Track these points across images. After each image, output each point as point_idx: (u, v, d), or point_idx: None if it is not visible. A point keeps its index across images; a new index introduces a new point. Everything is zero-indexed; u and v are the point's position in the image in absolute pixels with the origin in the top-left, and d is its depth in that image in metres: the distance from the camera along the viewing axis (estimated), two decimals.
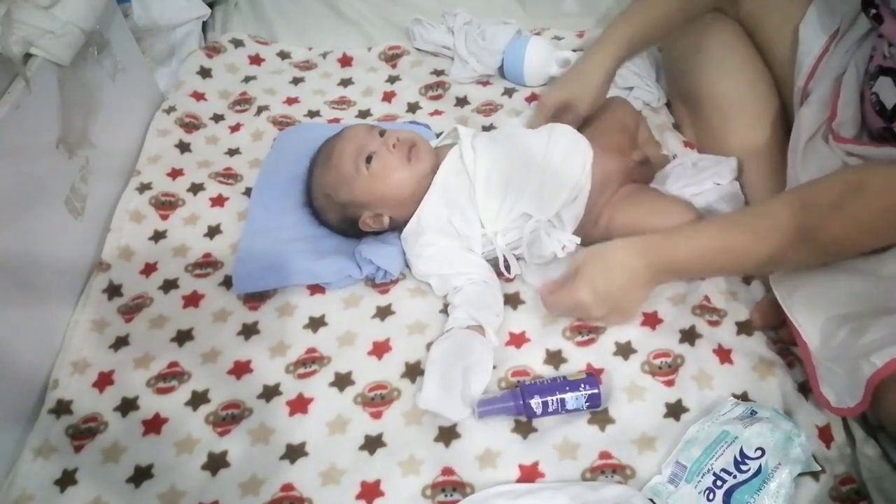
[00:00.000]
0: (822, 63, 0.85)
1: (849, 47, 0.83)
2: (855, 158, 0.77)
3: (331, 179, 0.90)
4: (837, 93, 0.81)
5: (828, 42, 0.85)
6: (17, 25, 0.81)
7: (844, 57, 0.83)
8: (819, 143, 0.82)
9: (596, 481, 0.71)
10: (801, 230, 0.71)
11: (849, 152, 0.78)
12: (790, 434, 0.70)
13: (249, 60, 1.27)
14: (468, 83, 1.20)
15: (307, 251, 0.91)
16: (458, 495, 0.71)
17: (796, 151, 0.83)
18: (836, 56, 0.84)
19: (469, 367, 0.78)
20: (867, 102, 0.77)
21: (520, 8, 1.33)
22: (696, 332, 0.82)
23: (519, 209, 0.87)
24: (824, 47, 0.86)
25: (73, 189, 0.92)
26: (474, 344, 0.79)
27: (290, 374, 0.82)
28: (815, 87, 0.85)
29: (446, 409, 0.75)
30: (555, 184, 0.87)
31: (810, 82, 0.86)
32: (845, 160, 0.78)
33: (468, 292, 0.84)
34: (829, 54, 0.85)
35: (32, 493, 0.74)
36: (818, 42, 0.86)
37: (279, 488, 0.73)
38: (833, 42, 0.85)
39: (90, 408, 0.81)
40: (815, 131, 0.82)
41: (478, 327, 0.81)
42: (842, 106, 0.80)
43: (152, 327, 0.88)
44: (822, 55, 0.86)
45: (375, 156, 0.88)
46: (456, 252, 0.88)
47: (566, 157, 0.89)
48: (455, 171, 0.90)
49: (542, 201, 0.86)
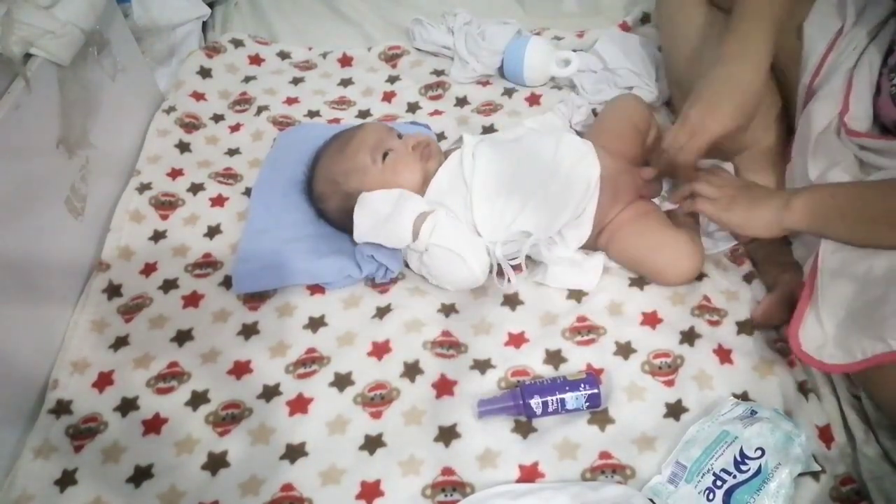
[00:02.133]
0: (828, 60, 0.85)
1: (857, 43, 0.83)
2: (867, 152, 0.78)
3: (343, 167, 0.91)
4: (848, 87, 0.81)
5: (833, 39, 0.85)
6: (17, 25, 0.81)
7: (854, 52, 0.83)
8: (830, 136, 0.82)
9: (596, 481, 0.71)
10: None
11: (861, 146, 0.78)
12: (790, 434, 0.70)
13: (249, 60, 1.27)
14: (468, 83, 1.20)
15: (307, 251, 0.91)
16: (458, 495, 0.71)
17: (805, 146, 0.83)
18: (845, 52, 0.84)
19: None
20: (884, 95, 0.78)
21: (520, 8, 1.33)
22: (695, 332, 0.82)
23: (518, 226, 0.86)
24: (829, 45, 0.86)
25: (73, 189, 0.92)
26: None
27: (289, 375, 0.82)
28: (824, 83, 0.85)
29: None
30: (557, 202, 0.86)
31: (816, 80, 0.86)
32: (857, 154, 0.79)
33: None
34: (834, 52, 0.85)
35: (32, 493, 0.74)
36: (823, 40, 0.86)
37: (279, 488, 0.73)
38: (839, 39, 0.85)
39: (90, 408, 0.81)
40: (826, 125, 0.82)
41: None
42: (853, 100, 0.80)
43: (152, 327, 0.88)
44: (827, 53, 0.86)
45: (393, 152, 0.90)
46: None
47: (571, 173, 0.87)
48: (453, 176, 0.90)
49: (542, 220, 0.86)
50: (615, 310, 0.85)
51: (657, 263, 0.86)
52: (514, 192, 0.87)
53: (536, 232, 0.85)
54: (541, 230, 0.85)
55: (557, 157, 0.88)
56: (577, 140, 0.92)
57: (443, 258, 0.85)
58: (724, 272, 0.89)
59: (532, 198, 0.86)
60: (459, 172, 0.90)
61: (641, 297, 0.86)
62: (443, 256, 0.85)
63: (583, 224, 0.87)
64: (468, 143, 0.92)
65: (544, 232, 0.86)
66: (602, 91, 1.13)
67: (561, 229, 0.86)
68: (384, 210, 0.86)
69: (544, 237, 0.86)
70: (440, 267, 0.86)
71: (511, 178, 0.88)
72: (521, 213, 0.86)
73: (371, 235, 0.87)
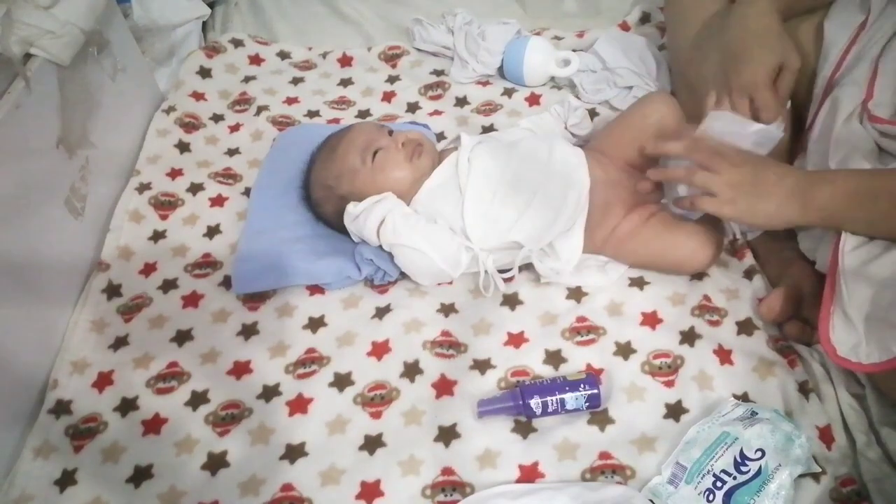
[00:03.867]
0: (850, 52, 0.84)
1: (883, 33, 0.82)
2: (888, 139, 0.77)
3: (334, 170, 0.91)
4: (874, 74, 0.80)
5: (856, 32, 0.85)
6: (17, 25, 0.81)
7: (880, 42, 0.82)
8: (854, 124, 0.81)
9: (596, 481, 0.71)
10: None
11: (883, 133, 0.78)
12: (790, 435, 0.70)
13: (249, 60, 1.27)
14: (468, 83, 1.20)
15: (306, 252, 0.91)
16: (458, 495, 0.71)
17: (828, 134, 0.81)
18: (870, 43, 0.83)
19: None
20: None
21: (520, 8, 1.33)
22: (696, 332, 0.82)
23: (511, 236, 0.86)
24: (852, 38, 0.85)
25: (73, 189, 0.92)
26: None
27: (289, 375, 0.82)
28: (847, 73, 0.84)
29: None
30: (547, 214, 0.85)
31: (838, 72, 0.85)
32: (878, 140, 0.78)
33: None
34: (857, 44, 0.84)
35: (32, 493, 0.74)
36: (846, 33, 0.86)
37: (279, 488, 0.73)
38: (862, 32, 0.84)
39: (90, 408, 0.81)
40: (851, 112, 0.81)
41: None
42: (878, 87, 0.79)
43: (152, 327, 0.88)
44: (850, 46, 0.85)
45: (382, 151, 0.89)
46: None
47: (562, 185, 0.86)
48: (448, 180, 0.89)
49: (533, 230, 0.85)
50: (615, 310, 0.85)
51: (676, 259, 0.85)
52: (506, 200, 0.87)
53: (527, 243, 0.85)
54: (532, 241, 0.85)
55: (550, 168, 0.88)
56: (569, 150, 0.91)
57: (407, 256, 0.86)
58: (724, 269, 0.89)
59: (524, 208, 0.86)
60: (454, 175, 0.89)
61: (641, 297, 0.86)
62: (406, 254, 0.86)
63: (574, 236, 0.86)
64: (466, 145, 0.91)
65: (535, 243, 0.85)
66: (602, 91, 1.13)
67: (552, 241, 0.86)
68: (360, 219, 0.87)
69: (535, 248, 0.85)
70: (408, 264, 0.88)
71: (505, 186, 0.87)
72: (514, 222, 0.86)
73: (362, 243, 0.89)
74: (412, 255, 0.86)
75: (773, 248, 0.89)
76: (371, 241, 0.87)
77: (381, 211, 0.86)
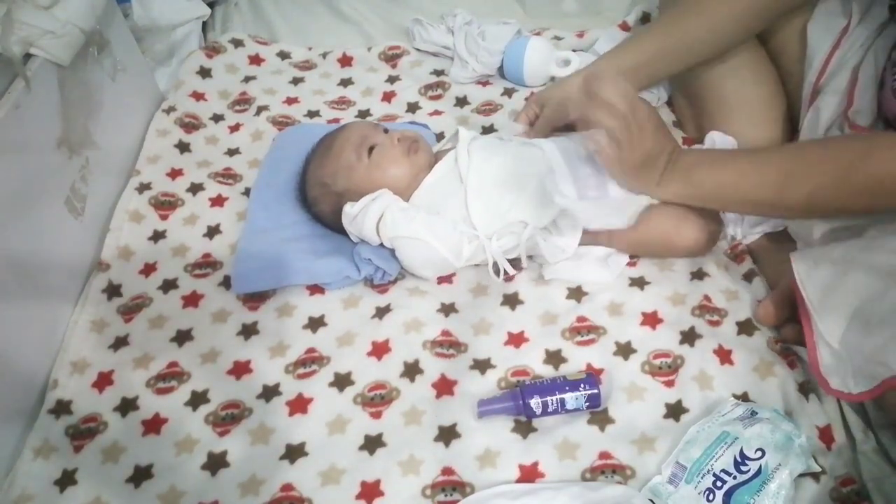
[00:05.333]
0: (833, 58, 0.85)
1: (864, 40, 0.83)
2: None
3: (330, 168, 0.91)
4: (854, 82, 0.81)
5: (838, 38, 0.85)
6: (17, 25, 0.81)
7: (860, 49, 0.83)
8: (835, 132, 0.82)
9: (596, 481, 0.71)
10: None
11: None
12: (790, 435, 0.70)
13: (249, 60, 1.27)
14: (468, 83, 1.20)
15: (306, 251, 0.91)
16: (458, 495, 0.71)
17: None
18: (851, 49, 0.84)
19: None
20: (886, 89, 0.78)
21: (520, 8, 1.33)
22: (696, 332, 0.82)
23: (514, 216, 0.86)
24: (834, 43, 0.86)
25: (73, 189, 0.92)
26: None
27: (289, 375, 0.82)
28: (830, 80, 0.85)
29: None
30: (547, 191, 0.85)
31: (822, 78, 0.86)
32: None
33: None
34: (840, 50, 0.85)
35: (32, 493, 0.74)
36: (828, 39, 0.86)
37: (279, 488, 0.73)
38: (844, 37, 0.85)
39: (90, 408, 0.81)
40: (832, 122, 0.82)
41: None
42: (858, 95, 0.80)
43: (152, 327, 0.88)
44: (832, 51, 0.86)
45: (378, 147, 0.89)
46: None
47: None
48: (448, 173, 0.90)
49: (536, 207, 0.85)
50: (615, 310, 0.85)
51: (669, 236, 0.85)
52: (508, 182, 0.87)
53: (531, 221, 0.85)
54: (535, 218, 0.85)
55: (547, 155, 0.88)
56: (564, 139, 0.92)
57: (409, 247, 0.86)
58: (724, 271, 0.89)
59: (526, 187, 0.86)
60: (454, 168, 0.89)
61: (642, 296, 0.86)
62: (408, 246, 0.86)
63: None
64: (464, 137, 0.92)
65: (539, 220, 0.85)
66: None
67: (556, 219, 0.86)
68: (359, 218, 0.87)
69: (539, 226, 0.85)
70: (410, 257, 0.87)
71: (505, 169, 0.88)
72: (516, 202, 0.86)
73: (361, 243, 0.89)
74: (414, 246, 0.86)
75: (770, 252, 0.90)
76: (371, 240, 0.87)
77: (379, 207, 0.86)
